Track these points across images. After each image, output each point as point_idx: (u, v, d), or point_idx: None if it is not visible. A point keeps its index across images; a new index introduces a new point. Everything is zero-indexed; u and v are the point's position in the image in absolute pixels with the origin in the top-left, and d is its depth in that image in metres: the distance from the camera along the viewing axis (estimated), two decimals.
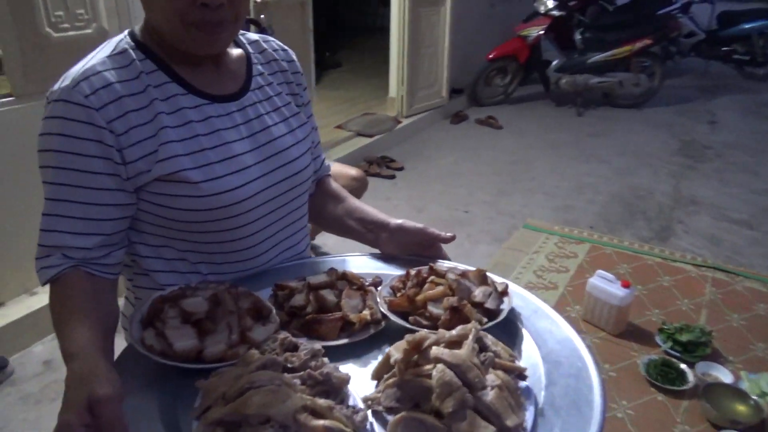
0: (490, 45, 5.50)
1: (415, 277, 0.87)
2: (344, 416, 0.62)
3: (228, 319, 0.76)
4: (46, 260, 0.78)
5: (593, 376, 0.71)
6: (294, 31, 3.50)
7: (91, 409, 0.59)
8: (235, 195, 0.85)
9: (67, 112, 0.76)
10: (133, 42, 0.84)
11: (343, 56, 7.34)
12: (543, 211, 3.45)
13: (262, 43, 1.00)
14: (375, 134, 4.42)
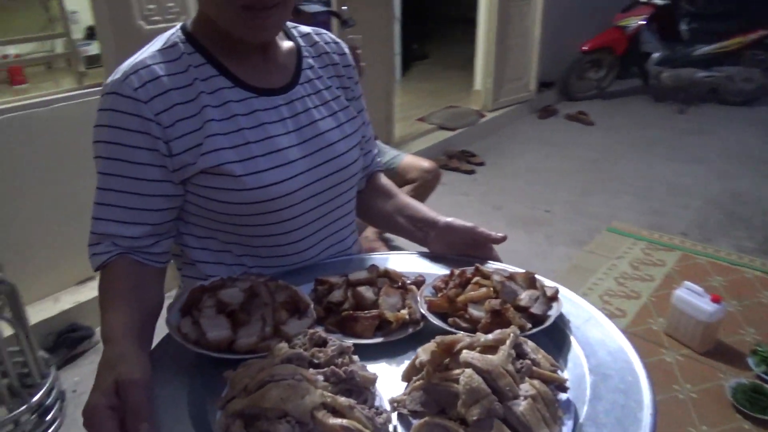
0: (585, 36, 5.23)
1: (458, 277, 0.83)
2: (365, 417, 0.59)
3: (262, 311, 0.75)
4: (96, 247, 0.81)
5: (645, 392, 0.65)
6: (376, 23, 3.49)
7: (118, 392, 0.60)
8: (279, 189, 0.84)
9: (117, 104, 0.78)
10: (184, 36, 0.85)
11: (431, 48, 7.27)
12: (630, 214, 3.24)
13: (313, 36, 0.99)
14: (457, 128, 4.34)
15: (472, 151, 4.13)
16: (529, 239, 3.00)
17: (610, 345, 0.73)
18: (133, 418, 0.58)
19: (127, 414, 0.59)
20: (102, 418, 0.58)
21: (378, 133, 3.52)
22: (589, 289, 2.50)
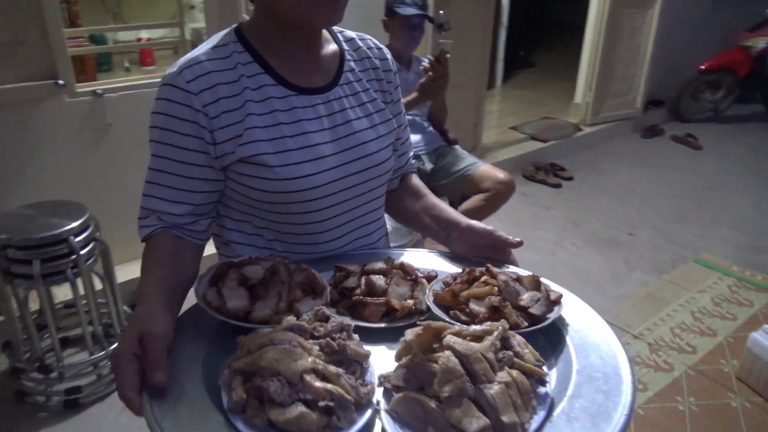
0: (704, 54, 4.90)
1: (466, 275, 0.86)
2: (350, 385, 0.65)
3: (279, 288, 0.81)
4: (144, 221, 0.90)
5: (625, 395, 0.66)
6: (475, 28, 3.49)
7: (141, 343, 0.68)
8: (309, 181, 0.90)
9: (171, 94, 0.86)
10: (236, 36, 0.93)
11: (539, 56, 7.11)
12: (724, 248, 3.02)
13: (357, 41, 1.04)
14: (549, 140, 4.24)
15: (562, 164, 4.02)
16: (605, 261, 2.88)
17: (604, 349, 0.74)
18: (150, 367, 0.66)
19: (146, 362, 0.67)
20: (125, 362, 0.66)
21: (465, 139, 3.53)
22: (660, 320, 2.37)
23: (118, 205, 2.40)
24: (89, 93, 2.20)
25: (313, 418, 0.61)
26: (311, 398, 0.62)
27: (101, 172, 2.33)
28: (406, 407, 0.62)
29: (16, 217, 1.87)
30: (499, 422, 0.59)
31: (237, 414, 0.63)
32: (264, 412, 0.61)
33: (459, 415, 0.59)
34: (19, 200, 2.07)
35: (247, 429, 0.61)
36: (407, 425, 0.62)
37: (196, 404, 0.65)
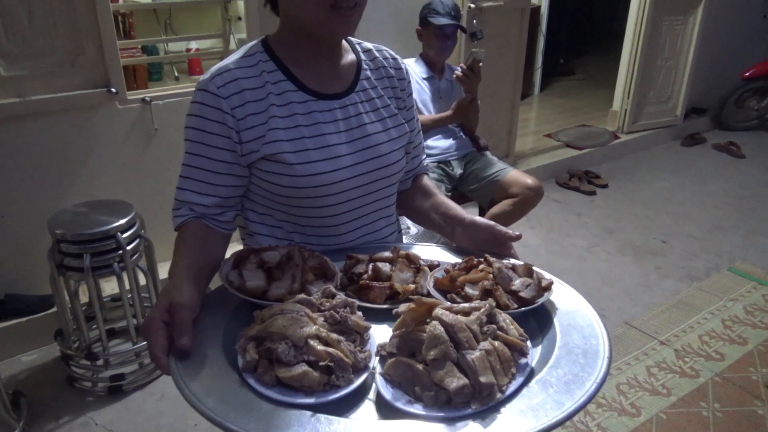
0: (749, 61, 4.79)
1: (464, 263, 0.94)
2: (349, 350, 0.74)
3: (293, 271, 0.91)
4: (177, 211, 1.01)
5: (600, 368, 0.73)
6: (508, 36, 3.53)
7: (170, 312, 0.78)
8: (326, 178, 0.99)
9: (204, 98, 0.97)
10: (263, 47, 1.03)
11: (580, 64, 7.06)
12: (762, 258, 2.96)
13: (374, 52, 1.13)
14: (584, 147, 4.23)
15: (596, 172, 4.00)
16: (638, 268, 2.87)
17: (587, 331, 0.82)
18: (177, 333, 0.76)
19: (173, 329, 0.76)
20: (155, 328, 0.76)
21: (498, 146, 3.58)
22: (689, 327, 2.36)
23: (162, 204, 2.55)
24: (138, 100, 2.36)
25: (315, 376, 0.70)
26: (314, 359, 0.70)
27: (147, 174, 2.49)
28: (397, 370, 0.71)
29: (70, 213, 2.02)
30: (477, 382, 0.67)
31: (249, 373, 0.72)
32: (273, 370, 0.71)
33: (442, 375, 0.67)
34: (74, 198, 2.24)
35: (258, 385, 0.70)
36: (398, 386, 0.71)
37: (215, 366, 0.75)
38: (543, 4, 5.44)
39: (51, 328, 2.24)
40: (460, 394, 0.66)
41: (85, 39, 2.17)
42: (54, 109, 2.19)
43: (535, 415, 0.66)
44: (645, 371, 2.12)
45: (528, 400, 0.69)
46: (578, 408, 0.67)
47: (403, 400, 0.69)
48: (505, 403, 0.68)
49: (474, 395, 0.67)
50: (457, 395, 0.66)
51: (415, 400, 0.68)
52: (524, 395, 0.69)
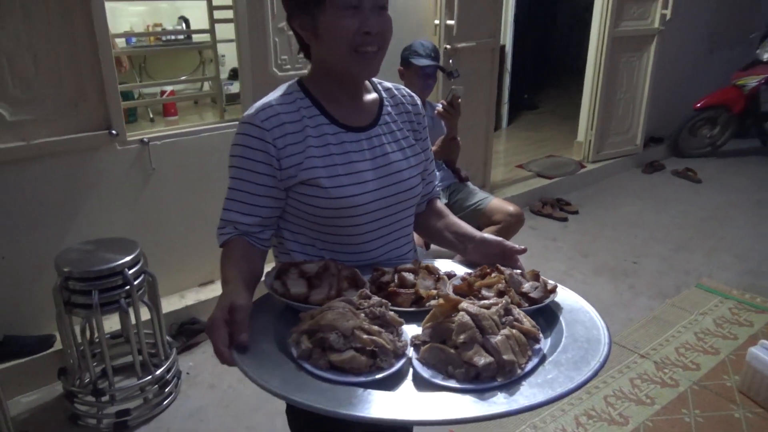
0: (701, 93, 5.15)
1: (479, 271, 1.08)
2: (389, 339, 0.87)
3: (330, 280, 1.04)
4: (222, 230, 1.13)
5: (602, 351, 0.88)
6: (482, 75, 3.76)
7: (230, 312, 0.89)
8: (354, 200, 1.12)
9: (250, 130, 1.10)
10: (299, 86, 1.17)
11: (543, 98, 7.40)
12: (725, 274, 3.18)
13: (393, 90, 1.28)
14: (555, 176, 4.45)
15: (567, 199, 4.22)
16: (613, 288, 3.05)
17: (589, 325, 0.96)
18: (237, 330, 0.86)
19: (233, 326, 0.87)
20: (219, 326, 0.86)
21: (475, 176, 3.76)
22: (666, 341, 2.52)
23: (162, 241, 2.62)
24: (137, 141, 2.45)
25: (362, 359, 0.83)
26: (360, 346, 0.84)
27: (145, 212, 2.56)
28: (431, 354, 0.85)
29: (77, 252, 2.08)
30: (501, 360, 0.81)
31: (305, 360, 0.85)
32: (326, 356, 0.84)
33: (471, 355, 0.81)
34: (74, 238, 2.29)
35: (314, 368, 0.83)
36: (432, 366, 0.84)
37: (272, 357, 0.88)
38: (507, 43, 5.75)
39: (51, 367, 2.25)
40: (487, 369, 0.80)
41: (88, 83, 2.26)
42: (56, 151, 2.26)
43: (550, 386, 0.80)
44: (629, 383, 2.26)
45: (543, 376, 0.82)
46: (586, 380, 0.81)
47: (438, 377, 0.82)
48: (525, 378, 0.81)
49: (498, 371, 0.80)
50: (485, 370, 0.80)
51: (448, 377, 0.82)
52: (540, 373, 0.83)
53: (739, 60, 5.32)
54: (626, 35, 4.53)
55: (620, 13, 4.42)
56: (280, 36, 2.71)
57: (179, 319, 2.65)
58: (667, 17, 4.59)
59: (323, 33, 1.08)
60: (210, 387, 2.35)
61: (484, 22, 3.66)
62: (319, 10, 1.05)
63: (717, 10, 5.48)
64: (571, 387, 0.80)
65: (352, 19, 1.05)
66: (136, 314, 2.10)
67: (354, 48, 1.06)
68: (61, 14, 2.15)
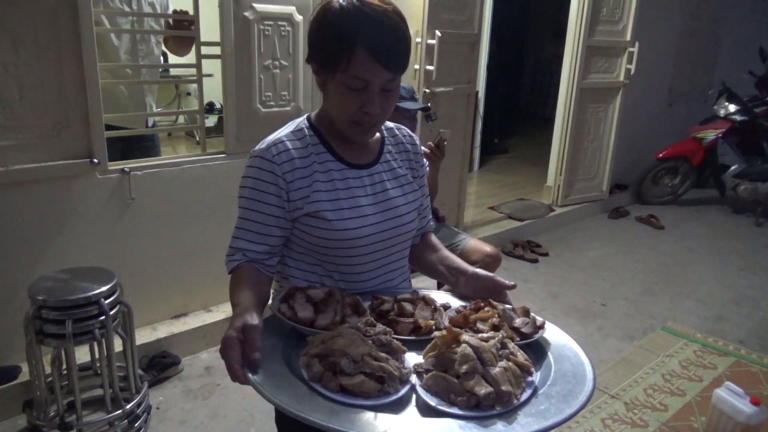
0: (662, 144, 5.41)
1: (473, 305, 1.15)
2: (396, 366, 0.92)
3: (335, 306, 1.08)
4: (232, 257, 1.17)
5: (587, 385, 0.94)
6: (458, 118, 3.89)
7: (243, 331, 0.91)
8: (356, 233, 1.17)
9: (261, 164, 1.15)
10: (308, 123, 1.24)
11: (512, 143, 7.64)
12: (689, 318, 3.29)
13: (395, 130, 1.35)
14: (525, 219, 4.57)
15: (537, 242, 4.32)
16: (582, 329, 3.12)
17: (574, 361, 1.03)
18: (250, 349, 0.89)
19: (245, 345, 0.89)
20: (233, 344, 0.88)
21: (449, 217, 3.83)
22: (634, 382, 2.58)
23: (136, 271, 2.58)
24: (118, 171, 2.44)
25: (372, 383, 0.88)
26: (369, 371, 0.88)
27: (122, 242, 2.53)
28: (435, 381, 0.90)
29: (51, 280, 2.03)
30: (500, 390, 0.86)
31: (315, 381, 0.89)
32: (336, 379, 0.88)
33: (472, 384, 0.86)
34: (52, 265, 2.25)
35: (324, 390, 0.88)
36: (436, 394, 0.89)
37: (283, 376, 0.91)
38: (480, 89, 5.96)
39: (16, 400, 2.17)
40: (487, 398, 0.85)
41: (71, 111, 2.26)
42: (36, 178, 2.23)
43: (543, 417, 0.85)
44: (600, 423, 2.30)
45: (536, 407, 0.88)
46: (574, 413, 0.87)
47: (442, 404, 0.87)
48: (520, 408, 0.87)
49: (497, 400, 0.86)
50: (485, 399, 0.85)
51: (450, 404, 0.87)
52: (533, 403, 0.89)
53: (697, 114, 5.63)
54: (594, 87, 4.76)
55: (588, 66, 4.65)
56: (265, 73, 2.77)
57: (150, 352, 2.59)
58: (631, 72, 4.85)
59: (331, 96, 1.15)
60: (181, 423, 2.30)
61: (461, 69, 3.81)
62: (331, 77, 1.11)
63: (675, 67, 5.82)
64: (562, 418, 0.85)
65: (357, 99, 1.10)
66: (109, 346, 2.06)
67: (354, 120, 1.14)
68: (50, 44, 2.17)
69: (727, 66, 6.18)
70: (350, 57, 1.06)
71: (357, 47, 1.05)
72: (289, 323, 1.04)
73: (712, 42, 6.17)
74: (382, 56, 1.07)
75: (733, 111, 5.11)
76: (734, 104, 5.12)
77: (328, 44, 1.09)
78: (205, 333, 2.76)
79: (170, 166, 2.61)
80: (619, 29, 4.74)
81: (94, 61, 2.25)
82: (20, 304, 2.01)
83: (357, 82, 1.08)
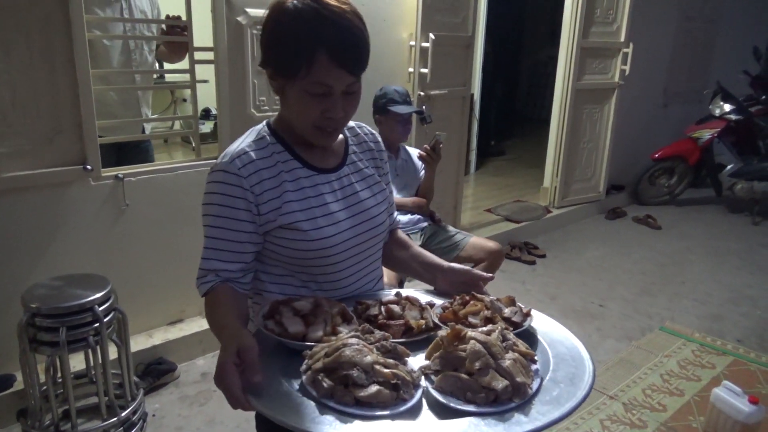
0: (658, 144, 5.41)
1: (460, 299, 1.14)
2: (406, 371, 0.90)
3: (324, 316, 1.05)
4: (204, 279, 1.10)
5: (588, 368, 0.96)
6: (453, 121, 3.88)
7: (239, 354, 0.86)
8: (330, 241, 1.14)
9: (226, 178, 1.08)
10: (269, 130, 1.18)
11: (509, 145, 7.64)
12: (687, 317, 3.28)
13: (356, 129, 1.31)
14: (522, 221, 4.57)
15: (535, 243, 4.32)
16: (580, 330, 3.11)
17: (567, 344, 1.04)
18: (250, 372, 0.85)
19: (245, 369, 0.85)
20: (230, 371, 0.84)
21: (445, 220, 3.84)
22: (633, 382, 2.57)
23: (131, 278, 2.57)
24: (112, 177, 2.44)
25: (387, 393, 0.85)
26: (382, 380, 0.86)
27: (116, 249, 2.52)
28: (448, 382, 0.89)
29: (45, 287, 2.02)
30: (515, 382, 0.86)
31: (328, 398, 0.85)
32: (350, 393, 0.84)
33: (488, 380, 0.86)
34: (45, 273, 2.23)
35: (339, 405, 0.84)
36: (450, 394, 0.88)
37: (289, 396, 0.88)
38: (476, 92, 5.96)
39: (10, 408, 2.16)
40: (505, 392, 0.85)
41: (65, 118, 2.25)
42: (29, 185, 2.22)
43: (558, 403, 0.87)
44: (599, 424, 2.29)
45: (549, 394, 0.89)
46: (585, 395, 0.89)
47: (458, 403, 0.86)
48: (534, 397, 0.88)
49: (514, 392, 0.86)
50: (503, 393, 0.85)
51: (467, 402, 0.86)
52: (544, 391, 0.90)
53: (692, 114, 5.63)
54: (589, 88, 4.76)
55: (583, 67, 4.66)
56: (259, 78, 2.76)
57: (145, 359, 2.58)
58: (626, 72, 4.85)
59: (290, 102, 1.09)
60: (177, 429, 2.28)
61: (456, 71, 3.81)
62: (290, 83, 1.06)
63: (670, 67, 5.83)
64: (577, 402, 0.87)
65: (318, 105, 1.06)
66: (104, 353, 2.04)
67: (316, 126, 1.10)
68: (43, 51, 2.16)
69: (722, 66, 6.19)
70: (311, 62, 1.01)
71: (317, 52, 1.00)
72: (278, 339, 1.00)
73: (707, 42, 6.18)
74: (345, 60, 1.02)
75: (728, 110, 5.11)
76: (729, 104, 5.13)
77: (286, 49, 1.03)
78: (202, 339, 2.74)
79: (164, 172, 2.60)
80: (613, 30, 4.75)
81: (86, 67, 2.24)
82: (14, 311, 1.99)
83: (319, 88, 1.04)
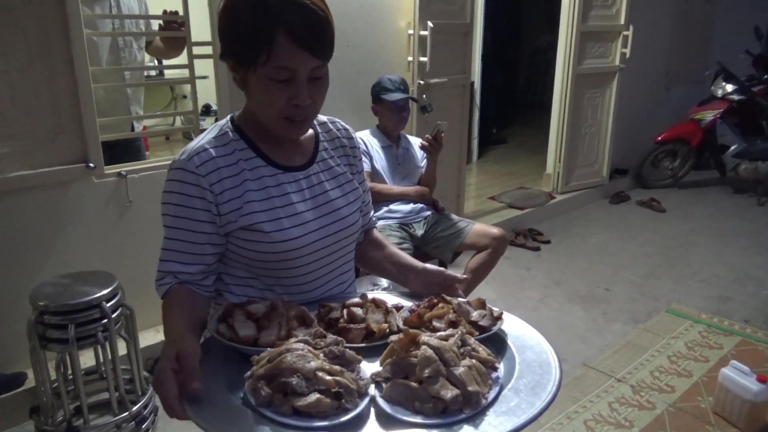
0: (661, 127, 5.38)
1: (427, 302, 1.08)
2: (352, 378, 0.84)
3: (279, 320, 0.99)
4: (162, 281, 1.06)
5: (554, 375, 0.91)
6: (453, 109, 3.87)
7: (178, 361, 0.82)
8: (297, 242, 1.08)
9: (184, 177, 1.03)
10: (232, 125, 1.11)
11: (510, 133, 7.61)
12: (693, 299, 3.28)
13: (328, 124, 1.25)
14: (526, 207, 4.56)
15: (539, 229, 4.31)
16: (586, 315, 3.11)
17: (536, 349, 0.99)
18: (189, 378, 0.81)
19: (183, 375, 0.81)
20: (167, 377, 0.80)
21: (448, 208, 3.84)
22: (640, 364, 2.58)
23: (138, 274, 2.57)
24: (115, 174, 2.44)
25: (328, 402, 0.79)
26: (324, 388, 0.80)
27: (121, 245, 2.53)
28: (396, 390, 0.83)
29: (53, 285, 2.03)
30: (466, 392, 0.81)
31: (265, 407, 0.80)
32: (288, 401, 0.79)
33: (437, 389, 0.80)
34: (52, 271, 2.25)
35: (276, 416, 0.79)
36: (398, 404, 0.82)
37: (228, 406, 0.84)
38: (476, 80, 5.94)
39: (22, 406, 2.18)
40: (454, 402, 0.80)
41: (65, 116, 2.26)
42: (32, 185, 2.23)
43: (515, 414, 0.81)
44: (607, 407, 2.30)
45: (506, 404, 0.83)
46: (545, 406, 0.83)
47: (405, 414, 0.81)
48: (489, 408, 0.82)
49: (465, 402, 0.81)
50: (453, 403, 0.80)
51: (415, 413, 0.80)
52: (502, 401, 0.84)
53: (694, 96, 5.60)
54: (589, 72, 4.73)
55: (583, 51, 4.63)
56: None
57: (155, 354, 2.60)
58: (626, 56, 4.82)
59: (254, 93, 1.04)
60: (186, 423, 2.29)
61: (455, 59, 3.80)
62: (252, 72, 1.00)
63: (671, 49, 5.79)
64: (535, 413, 0.81)
65: (283, 92, 1.00)
66: (113, 349, 2.06)
67: (283, 116, 1.03)
68: (41, 51, 2.16)
69: (723, 46, 6.14)
70: (270, 46, 0.95)
71: (276, 34, 0.95)
72: (229, 344, 0.94)
73: (707, 23, 6.13)
74: (306, 41, 0.96)
75: (730, 91, 5.08)
76: (731, 84, 5.09)
77: (243, 35, 0.98)
78: None
79: (166, 168, 2.60)
80: (612, 13, 4.71)
81: (85, 65, 2.25)
82: (23, 310, 2.00)
83: (282, 73, 0.98)
